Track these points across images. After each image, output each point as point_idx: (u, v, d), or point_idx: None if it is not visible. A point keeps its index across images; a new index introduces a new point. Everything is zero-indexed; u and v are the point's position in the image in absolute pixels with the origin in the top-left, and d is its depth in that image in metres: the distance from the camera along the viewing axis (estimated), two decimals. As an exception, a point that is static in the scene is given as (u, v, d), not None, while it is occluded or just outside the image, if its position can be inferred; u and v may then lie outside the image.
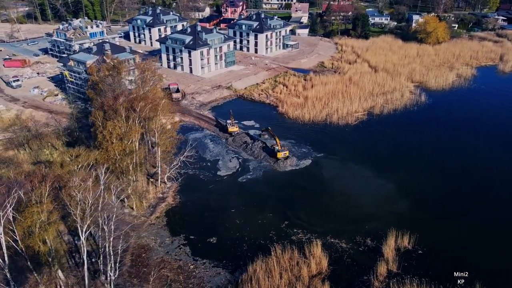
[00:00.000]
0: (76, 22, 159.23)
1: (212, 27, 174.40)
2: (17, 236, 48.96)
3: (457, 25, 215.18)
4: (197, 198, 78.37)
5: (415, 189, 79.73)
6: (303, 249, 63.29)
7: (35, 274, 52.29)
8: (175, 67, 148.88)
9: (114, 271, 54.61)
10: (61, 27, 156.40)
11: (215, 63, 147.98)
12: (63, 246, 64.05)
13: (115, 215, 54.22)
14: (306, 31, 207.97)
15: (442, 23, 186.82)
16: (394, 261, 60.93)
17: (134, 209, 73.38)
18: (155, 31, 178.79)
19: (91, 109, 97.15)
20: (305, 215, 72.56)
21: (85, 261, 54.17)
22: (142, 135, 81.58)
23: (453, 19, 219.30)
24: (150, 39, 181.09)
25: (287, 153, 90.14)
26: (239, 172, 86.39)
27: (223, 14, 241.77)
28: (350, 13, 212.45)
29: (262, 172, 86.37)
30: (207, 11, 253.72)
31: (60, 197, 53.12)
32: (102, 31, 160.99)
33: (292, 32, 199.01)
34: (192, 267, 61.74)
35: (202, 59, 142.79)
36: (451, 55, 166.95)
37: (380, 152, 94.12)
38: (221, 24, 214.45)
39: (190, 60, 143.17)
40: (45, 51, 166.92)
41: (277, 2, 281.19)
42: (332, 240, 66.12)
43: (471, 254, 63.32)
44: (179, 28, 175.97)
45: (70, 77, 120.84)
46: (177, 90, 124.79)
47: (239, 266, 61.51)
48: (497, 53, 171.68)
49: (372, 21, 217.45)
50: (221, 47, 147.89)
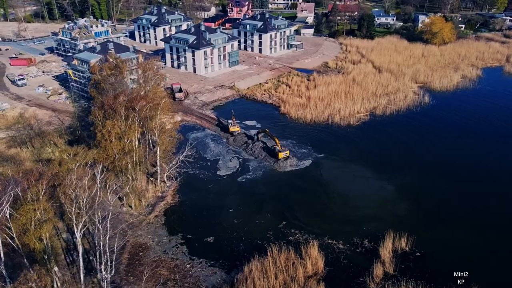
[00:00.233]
0: (81, 21, 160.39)
1: (217, 26, 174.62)
2: (14, 234, 49.42)
3: (464, 26, 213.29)
4: (196, 197, 78.57)
5: (415, 190, 79.11)
6: (300, 249, 63.09)
7: (31, 271, 52.71)
8: (179, 66, 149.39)
9: (110, 269, 54.85)
10: (66, 26, 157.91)
11: (219, 63, 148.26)
12: (61, 244, 64.57)
13: (111, 213, 54.48)
14: (311, 31, 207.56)
15: (448, 23, 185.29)
16: (391, 263, 60.54)
17: (133, 207, 73.75)
18: (160, 30, 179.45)
19: (94, 108, 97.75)
20: (303, 215, 72.40)
21: (81, 259, 54.60)
22: (143, 134, 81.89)
23: (460, 19, 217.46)
24: (155, 38, 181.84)
25: (288, 153, 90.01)
26: (239, 172, 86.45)
27: (228, 14, 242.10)
28: (355, 13, 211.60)
29: (262, 172, 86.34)
30: (212, 11, 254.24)
31: (57, 195, 53.53)
32: (107, 31, 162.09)
33: (297, 32, 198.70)
34: (188, 266, 61.89)
35: (205, 59, 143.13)
36: (457, 56, 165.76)
37: (381, 153, 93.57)
38: (226, 24, 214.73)
39: (194, 60, 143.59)
40: (51, 50, 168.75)
41: (283, 2, 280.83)
42: (329, 241, 65.87)
43: (469, 257, 62.68)
44: (184, 27, 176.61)
45: (74, 76, 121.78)
46: (180, 90, 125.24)
47: (235, 265, 61.56)
48: (503, 54, 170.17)
49: (378, 21, 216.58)
50: (224, 47, 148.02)
